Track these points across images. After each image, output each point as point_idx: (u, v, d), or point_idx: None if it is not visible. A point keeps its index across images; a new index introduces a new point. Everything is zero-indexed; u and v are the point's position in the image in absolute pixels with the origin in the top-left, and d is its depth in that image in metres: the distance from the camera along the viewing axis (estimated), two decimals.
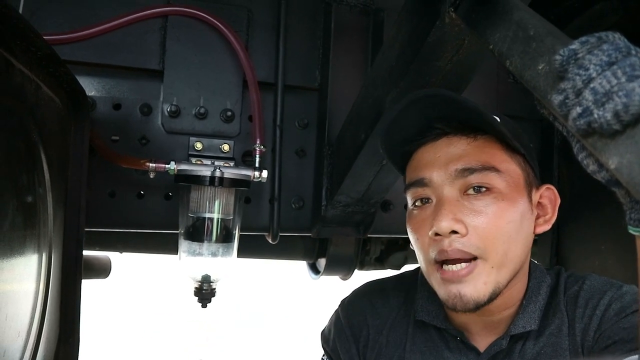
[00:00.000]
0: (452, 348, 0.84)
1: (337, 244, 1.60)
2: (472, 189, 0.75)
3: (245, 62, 1.26)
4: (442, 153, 0.77)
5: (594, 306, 0.78)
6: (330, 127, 1.35)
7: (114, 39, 1.21)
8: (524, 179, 0.78)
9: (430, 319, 0.86)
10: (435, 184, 0.77)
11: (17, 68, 0.69)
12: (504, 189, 0.75)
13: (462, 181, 0.75)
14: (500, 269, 0.74)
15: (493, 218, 0.73)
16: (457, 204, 0.75)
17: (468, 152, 0.76)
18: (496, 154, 0.77)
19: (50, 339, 0.88)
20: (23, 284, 0.73)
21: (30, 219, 0.74)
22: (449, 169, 0.75)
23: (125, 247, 1.54)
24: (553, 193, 0.82)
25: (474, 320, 0.82)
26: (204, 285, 1.24)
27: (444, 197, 0.76)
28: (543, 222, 0.81)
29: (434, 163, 0.77)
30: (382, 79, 1.03)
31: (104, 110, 1.23)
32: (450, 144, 0.77)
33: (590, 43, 0.45)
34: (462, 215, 0.74)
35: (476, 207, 0.74)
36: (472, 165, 0.75)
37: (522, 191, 0.77)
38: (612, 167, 0.43)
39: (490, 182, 0.75)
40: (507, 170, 0.76)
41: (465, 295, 0.73)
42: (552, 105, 0.49)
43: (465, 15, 0.74)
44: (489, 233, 0.73)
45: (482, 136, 0.77)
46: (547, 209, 0.82)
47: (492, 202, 0.74)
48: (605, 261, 1.48)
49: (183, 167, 1.18)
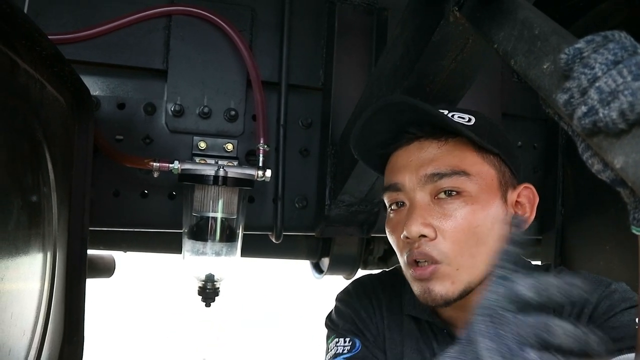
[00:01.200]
0: (440, 340, 0.87)
1: (341, 244, 1.60)
2: (443, 192, 0.76)
3: (249, 62, 1.26)
4: (414, 157, 0.79)
5: (582, 304, 0.78)
6: (334, 126, 1.35)
7: (118, 38, 1.21)
8: (498, 179, 0.79)
9: (417, 313, 0.89)
10: (408, 188, 0.79)
11: (22, 68, 0.69)
12: (475, 192, 0.76)
13: (432, 185, 0.77)
14: (468, 270, 0.75)
15: (462, 222, 0.75)
16: (428, 207, 0.76)
17: (438, 157, 0.77)
18: (467, 156, 0.77)
19: (55, 338, 0.88)
20: (28, 283, 0.74)
21: (34, 218, 0.75)
22: (420, 173, 0.77)
23: (129, 247, 1.54)
24: (531, 192, 0.83)
25: (457, 315, 0.83)
26: (208, 285, 1.24)
27: (415, 201, 0.77)
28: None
29: (406, 168, 0.79)
30: (386, 78, 1.03)
31: (108, 110, 1.23)
32: (422, 148, 0.79)
33: (595, 42, 0.45)
34: (431, 219, 0.75)
35: (446, 211, 0.76)
36: (442, 170, 0.76)
37: (494, 193, 0.78)
38: (618, 166, 0.43)
39: (460, 186, 0.76)
40: (479, 172, 0.77)
41: (433, 291, 0.75)
42: (557, 105, 0.49)
43: (470, 14, 0.74)
44: (457, 237, 0.75)
45: (452, 139, 0.78)
46: (526, 208, 0.82)
47: (461, 205, 0.75)
48: (609, 261, 1.47)
49: (187, 166, 1.19)
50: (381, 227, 1.44)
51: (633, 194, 0.47)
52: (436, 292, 0.75)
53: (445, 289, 0.75)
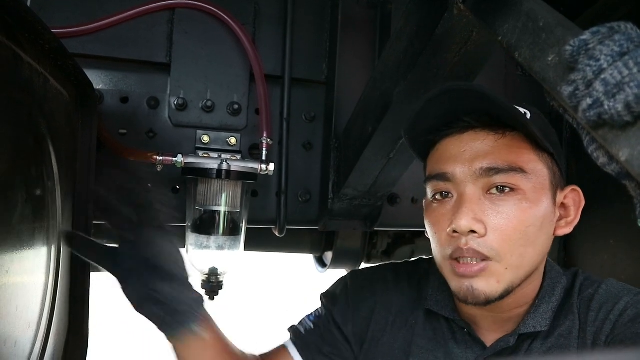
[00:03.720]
0: (459, 339, 0.84)
1: (344, 238, 1.60)
2: (495, 188, 0.73)
3: (252, 55, 1.26)
4: (468, 148, 0.74)
5: (608, 310, 0.76)
6: (338, 120, 1.34)
7: (121, 32, 1.21)
8: (550, 179, 0.76)
9: (438, 308, 0.86)
10: (458, 180, 0.74)
11: (26, 61, 0.69)
12: (529, 190, 0.72)
13: (486, 180, 0.73)
14: (515, 270, 0.73)
15: (514, 220, 0.71)
16: (479, 202, 0.72)
17: (495, 150, 0.73)
18: (524, 153, 0.74)
19: (60, 331, 0.89)
20: (33, 276, 0.74)
21: (39, 212, 0.75)
22: (474, 166, 0.73)
23: None
24: (578, 195, 0.80)
25: (484, 315, 0.81)
26: (212, 278, 1.24)
27: (465, 194, 0.73)
28: (565, 224, 0.79)
29: (458, 158, 0.75)
30: (390, 72, 1.02)
31: (112, 104, 1.23)
32: (477, 139, 0.74)
33: (601, 33, 0.44)
34: (482, 214, 0.72)
35: (498, 208, 0.72)
36: (499, 164, 0.72)
37: (546, 193, 0.75)
38: (623, 159, 0.42)
39: (515, 183, 0.72)
40: (534, 170, 0.74)
41: (477, 289, 0.72)
42: (562, 97, 0.48)
43: (474, 7, 0.74)
44: (508, 235, 0.71)
45: (510, 133, 0.74)
46: (570, 211, 0.79)
47: (514, 203, 0.72)
48: (614, 256, 1.47)
49: (190, 160, 1.19)
50: (385, 221, 1.45)
51: (639, 187, 0.47)
52: (480, 290, 0.72)
53: (489, 287, 0.72)
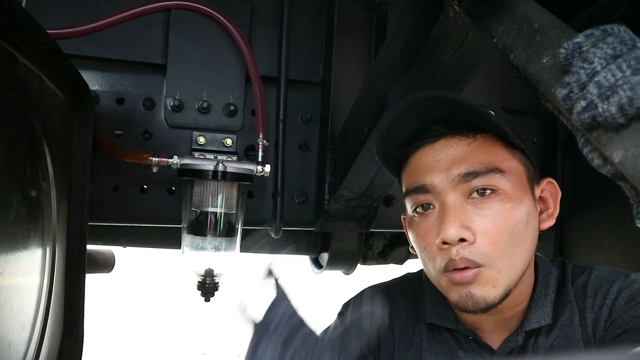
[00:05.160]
0: (466, 348, 0.83)
1: (340, 239, 1.60)
2: (476, 192, 0.72)
3: (248, 57, 1.26)
4: (442, 156, 0.74)
5: (604, 295, 0.77)
6: (333, 121, 1.35)
7: (117, 33, 1.21)
8: (526, 175, 0.76)
9: (440, 321, 0.85)
10: (438, 190, 0.73)
11: (21, 62, 0.69)
12: (509, 189, 0.72)
13: (465, 185, 0.72)
14: (508, 271, 0.73)
15: (500, 221, 0.71)
16: (462, 209, 0.72)
17: (469, 154, 0.73)
18: (498, 153, 0.74)
19: (54, 333, 0.89)
20: (27, 278, 0.74)
21: (34, 213, 0.75)
22: (451, 173, 0.72)
23: (128, 242, 1.54)
24: (554, 187, 0.81)
25: (485, 319, 0.80)
26: (207, 280, 1.24)
27: (448, 203, 0.72)
28: (547, 217, 0.79)
29: (434, 167, 0.74)
30: (385, 73, 1.03)
31: (107, 105, 1.23)
32: (450, 146, 0.74)
33: (595, 36, 0.45)
34: (468, 221, 0.71)
35: (482, 212, 0.71)
36: (476, 168, 0.71)
37: (525, 189, 0.75)
38: (617, 160, 0.43)
39: (495, 184, 0.72)
40: (510, 169, 0.74)
41: (475, 294, 0.71)
42: (557, 99, 0.49)
43: (469, 9, 0.74)
44: (496, 238, 0.71)
45: (480, 135, 0.74)
46: (549, 203, 0.80)
47: (498, 204, 0.71)
48: (608, 256, 1.48)
49: (186, 161, 1.19)
50: (380, 222, 1.45)
51: (634, 188, 0.47)
52: (478, 296, 0.71)
53: (487, 292, 0.71)
